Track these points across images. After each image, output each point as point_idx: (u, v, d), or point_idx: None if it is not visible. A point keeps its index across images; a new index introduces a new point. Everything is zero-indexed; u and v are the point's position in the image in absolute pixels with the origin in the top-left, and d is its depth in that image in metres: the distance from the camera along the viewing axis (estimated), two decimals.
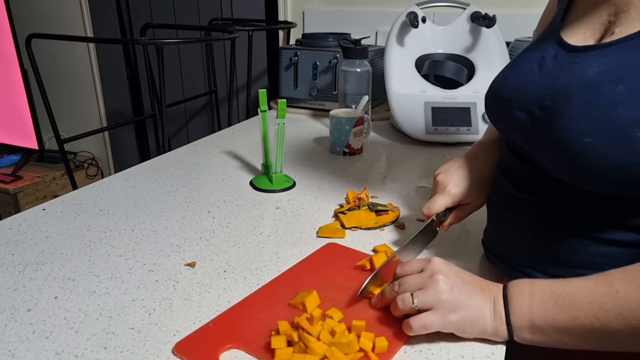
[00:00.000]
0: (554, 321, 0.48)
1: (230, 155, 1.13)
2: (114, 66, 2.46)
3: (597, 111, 0.47)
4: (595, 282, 0.47)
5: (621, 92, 0.46)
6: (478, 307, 0.52)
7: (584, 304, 0.46)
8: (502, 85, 0.60)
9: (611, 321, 0.45)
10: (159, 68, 1.51)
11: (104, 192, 0.92)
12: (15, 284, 0.63)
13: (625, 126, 0.44)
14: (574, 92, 0.49)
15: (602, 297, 0.45)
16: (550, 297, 0.48)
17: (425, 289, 0.53)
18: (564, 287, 0.48)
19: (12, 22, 1.94)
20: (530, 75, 0.56)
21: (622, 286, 0.45)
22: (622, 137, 0.44)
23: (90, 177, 2.54)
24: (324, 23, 1.80)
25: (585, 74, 0.50)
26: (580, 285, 0.48)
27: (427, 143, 1.21)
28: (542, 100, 0.53)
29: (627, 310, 0.44)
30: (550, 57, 0.55)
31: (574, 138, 0.48)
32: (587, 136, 0.47)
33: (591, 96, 0.48)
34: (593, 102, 0.47)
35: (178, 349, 0.51)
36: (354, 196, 0.86)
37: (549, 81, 0.53)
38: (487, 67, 1.24)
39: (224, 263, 0.69)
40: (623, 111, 0.45)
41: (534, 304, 0.49)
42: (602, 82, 0.48)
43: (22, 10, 2.45)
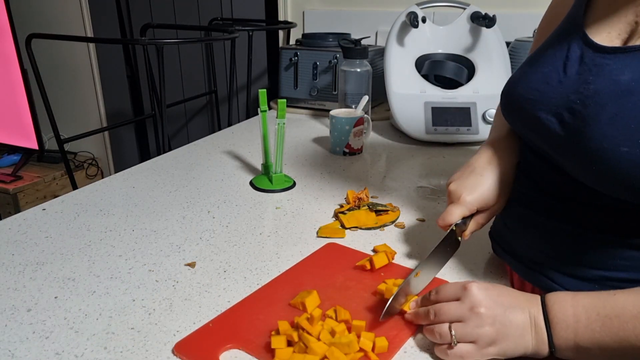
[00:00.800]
0: (601, 343, 0.46)
1: (230, 155, 1.13)
2: (114, 66, 2.46)
3: (633, 119, 0.45)
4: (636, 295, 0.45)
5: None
6: (519, 335, 0.49)
7: (634, 325, 0.44)
8: (522, 85, 0.58)
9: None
10: (159, 68, 1.51)
11: (104, 192, 0.92)
12: (15, 284, 0.63)
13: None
14: (608, 98, 0.47)
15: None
16: (596, 319, 0.46)
17: (465, 322, 0.50)
18: (610, 306, 0.46)
19: (12, 22, 1.94)
20: (555, 75, 0.54)
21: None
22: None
23: (90, 177, 2.54)
24: (324, 23, 1.80)
25: (619, 79, 0.48)
26: (628, 303, 0.46)
27: (427, 143, 1.21)
28: (572, 104, 0.51)
29: None
30: (576, 57, 0.53)
31: (609, 147, 0.46)
32: (623, 145, 0.45)
33: (627, 103, 0.46)
34: (629, 110, 0.46)
35: (178, 349, 0.51)
36: (354, 196, 0.86)
37: (577, 84, 0.51)
38: (487, 67, 1.24)
39: (224, 263, 0.69)
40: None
41: (579, 327, 0.47)
42: (636, 88, 0.46)
43: (22, 10, 2.45)
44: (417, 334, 0.54)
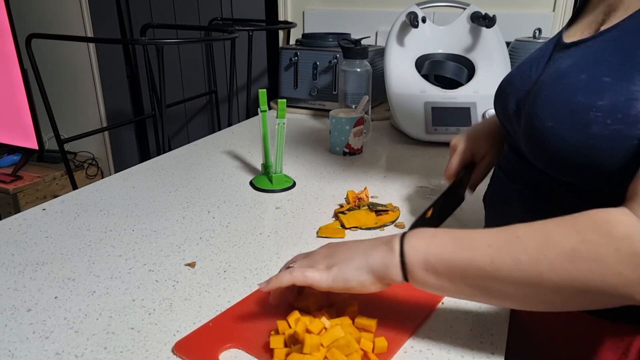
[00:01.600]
0: (449, 260, 0.45)
1: (230, 155, 1.13)
2: (114, 66, 2.46)
3: (560, 98, 0.49)
4: (500, 229, 0.45)
5: (583, 79, 0.48)
6: (361, 252, 0.50)
7: (482, 246, 0.44)
8: (506, 82, 0.64)
9: (506, 265, 0.42)
10: (159, 68, 1.51)
11: (104, 192, 0.92)
12: (15, 284, 0.63)
13: (582, 110, 0.47)
14: (547, 83, 0.52)
15: (502, 241, 0.44)
16: (450, 237, 0.47)
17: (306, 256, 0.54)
18: (468, 231, 0.47)
19: (12, 22, 1.94)
20: (528, 72, 0.60)
21: (524, 232, 0.43)
22: (579, 120, 0.47)
23: (90, 177, 2.54)
24: (324, 23, 1.80)
25: (560, 66, 0.53)
26: (485, 231, 0.46)
27: (427, 143, 1.21)
28: (527, 92, 0.57)
29: (523, 256, 0.42)
30: (547, 56, 0.59)
31: (539, 123, 0.51)
32: (550, 121, 0.50)
33: (558, 85, 0.51)
34: (559, 91, 0.50)
35: (178, 348, 0.51)
36: (354, 196, 0.86)
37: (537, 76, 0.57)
38: (487, 67, 1.24)
39: (224, 263, 0.69)
40: (581, 96, 0.47)
41: (433, 242, 0.47)
42: (569, 72, 0.51)
43: (22, 10, 2.45)
44: (417, 334, 0.54)
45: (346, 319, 0.53)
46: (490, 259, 0.43)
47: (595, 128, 0.46)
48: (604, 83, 0.47)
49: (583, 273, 0.40)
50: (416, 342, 0.53)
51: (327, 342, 0.49)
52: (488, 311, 0.58)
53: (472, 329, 0.55)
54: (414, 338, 0.54)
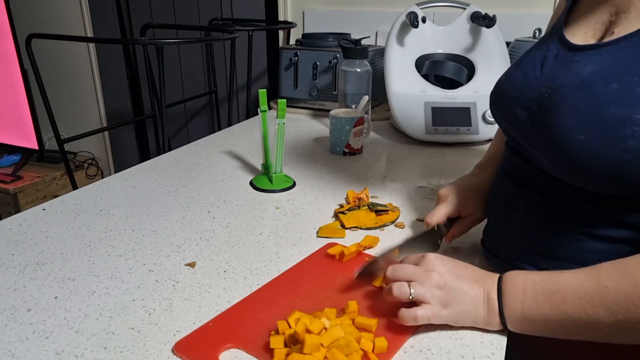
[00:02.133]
0: (544, 315, 0.49)
1: (230, 155, 1.13)
2: (114, 66, 2.46)
3: (590, 109, 0.47)
4: (585, 276, 0.48)
5: (614, 89, 0.46)
6: (471, 302, 0.53)
7: (573, 299, 0.47)
8: (505, 84, 0.61)
9: (599, 315, 0.46)
10: (159, 68, 1.51)
11: (104, 192, 0.92)
12: (15, 284, 0.63)
13: (616, 123, 0.45)
14: (569, 90, 0.50)
15: (591, 293, 0.46)
16: (541, 292, 0.50)
17: (420, 282, 0.54)
18: (554, 281, 0.49)
19: (12, 22, 1.94)
20: (532, 73, 0.57)
21: (611, 282, 0.46)
22: (613, 134, 0.45)
23: (90, 177, 2.54)
24: (324, 23, 1.80)
25: (581, 72, 0.50)
26: (571, 280, 0.48)
27: (427, 143, 1.21)
28: (540, 98, 0.54)
29: (614, 305, 0.45)
30: (552, 56, 0.56)
31: (567, 135, 0.48)
32: (580, 133, 0.47)
33: (585, 94, 0.48)
34: (586, 100, 0.48)
35: (178, 348, 0.51)
36: (354, 196, 0.86)
37: (548, 79, 0.54)
38: (487, 67, 1.24)
39: (224, 263, 0.69)
40: (615, 109, 0.45)
41: (526, 299, 0.50)
42: (596, 80, 0.48)
43: (22, 10, 2.45)
44: (417, 334, 0.54)
45: (346, 319, 0.53)
46: (583, 311, 0.47)
47: (633, 143, 0.44)
48: (638, 95, 0.45)
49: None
50: (416, 342, 0.53)
51: (327, 342, 0.49)
52: None
53: (472, 329, 0.55)
54: (414, 338, 0.54)
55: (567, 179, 0.52)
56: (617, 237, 0.51)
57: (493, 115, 0.65)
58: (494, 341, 0.53)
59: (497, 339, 0.54)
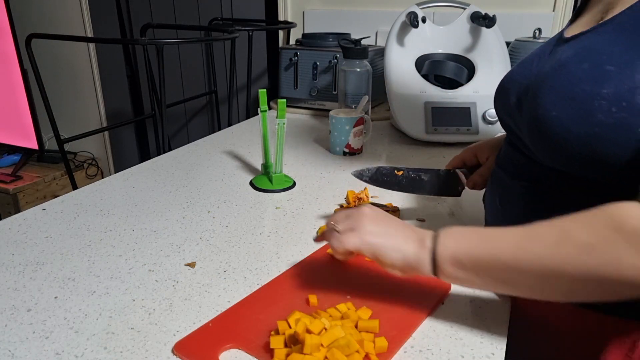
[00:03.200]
0: (475, 256, 0.49)
1: (230, 155, 1.13)
2: (114, 66, 2.46)
3: (563, 87, 0.50)
4: (521, 227, 0.48)
5: (585, 68, 0.49)
6: (401, 236, 0.54)
7: (505, 243, 0.48)
8: (507, 78, 0.64)
9: (528, 260, 0.46)
10: (159, 68, 1.51)
11: (104, 192, 0.92)
12: (15, 284, 0.63)
13: (586, 98, 0.47)
14: (548, 74, 0.53)
15: (523, 238, 0.47)
16: (477, 235, 0.50)
17: (348, 217, 0.57)
18: (494, 229, 0.50)
19: (12, 22, 1.94)
20: (529, 67, 0.60)
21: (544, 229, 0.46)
22: (583, 109, 0.47)
23: (90, 177, 2.54)
24: (324, 23, 1.80)
25: (560, 57, 0.53)
26: (509, 229, 0.49)
27: (427, 143, 1.21)
28: (529, 85, 0.57)
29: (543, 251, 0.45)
30: (548, 52, 0.59)
31: (542, 113, 0.51)
32: (553, 110, 0.50)
33: (559, 74, 0.51)
34: (560, 79, 0.50)
35: (178, 348, 0.51)
36: (354, 196, 0.86)
37: (538, 70, 0.57)
38: (487, 67, 1.24)
39: (224, 263, 0.69)
40: (585, 85, 0.48)
41: (461, 240, 0.51)
42: (570, 62, 0.51)
43: (22, 10, 2.45)
44: (417, 334, 0.54)
45: (348, 320, 0.53)
46: (512, 255, 0.47)
47: (600, 116, 0.46)
48: (607, 71, 0.47)
49: (600, 266, 0.42)
50: (416, 342, 0.53)
51: (327, 342, 0.49)
52: (488, 311, 0.58)
53: (472, 329, 0.55)
54: (414, 338, 0.54)
55: (547, 161, 0.53)
56: None
57: (495, 109, 0.68)
58: (494, 341, 0.53)
59: (497, 339, 0.54)
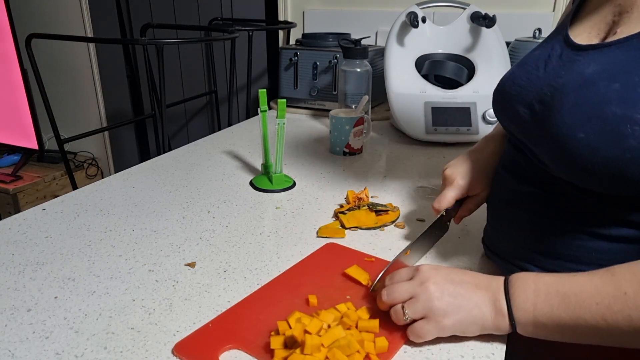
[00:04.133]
0: (558, 319, 0.47)
1: (230, 155, 1.13)
2: (114, 66, 2.46)
3: (591, 107, 0.47)
4: (602, 281, 0.46)
5: (616, 89, 0.46)
6: (474, 306, 0.51)
7: (590, 304, 0.46)
8: (509, 82, 0.62)
9: (618, 322, 0.44)
10: (159, 68, 1.51)
11: (104, 192, 0.92)
12: (15, 284, 0.63)
13: (617, 122, 0.45)
14: (571, 88, 0.50)
15: (609, 299, 0.45)
16: (555, 295, 0.48)
17: (415, 298, 0.52)
18: (569, 284, 0.48)
19: (12, 22, 1.94)
20: (536, 72, 0.57)
21: (631, 287, 0.44)
22: (614, 132, 0.45)
23: (90, 177, 2.54)
24: (324, 23, 1.80)
25: (584, 71, 0.50)
26: (587, 284, 0.47)
27: (427, 143, 1.21)
28: (543, 96, 0.54)
29: (635, 313, 0.43)
30: (556, 55, 0.56)
31: (568, 133, 0.48)
32: (580, 131, 0.47)
33: (587, 93, 0.48)
34: (588, 98, 0.48)
35: (178, 349, 0.51)
36: (354, 196, 0.86)
37: (551, 78, 0.54)
38: (487, 67, 1.24)
39: (224, 263, 0.69)
40: (616, 108, 0.46)
41: (539, 301, 0.48)
42: (598, 79, 0.48)
43: (22, 10, 2.45)
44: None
45: (348, 320, 0.53)
46: (601, 317, 0.45)
47: (633, 142, 0.44)
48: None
49: None
50: (416, 342, 0.53)
51: (328, 342, 0.49)
52: None
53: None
54: None
55: (568, 178, 0.51)
56: (622, 236, 0.51)
57: (495, 113, 0.65)
58: (494, 341, 0.53)
59: (497, 339, 0.53)
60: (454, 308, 0.51)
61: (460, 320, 0.51)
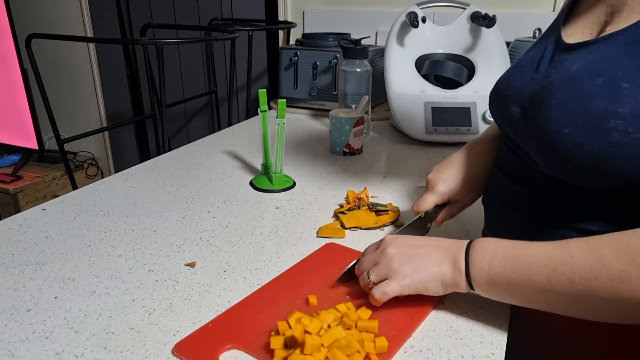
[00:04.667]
0: (509, 278, 0.50)
1: (230, 155, 1.13)
2: (114, 66, 2.46)
3: (575, 103, 0.48)
4: (555, 246, 0.48)
5: (599, 84, 0.47)
6: (433, 264, 0.54)
7: (539, 265, 0.48)
8: (504, 83, 0.62)
9: (560, 284, 0.46)
10: (159, 68, 1.51)
11: (104, 192, 0.92)
12: (15, 284, 0.63)
13: (601, 117, 0.46)
14: (558, 86, 0.51)
15: (557, 261, 0.47)
16: (510, 256, 0.50)
17: (378, 263, 0.57)
18: (525, 248, 0.50)
19: (12, 22, 1.94)
20: (529, 73, 0.58)
21: (578, 253, 0.46)
22: (597, 127, 0.46)
23: (90, 177, 2.54)
24: (324, 23, 1.80)
25: (571, 68, 0.52)
26: (541, 248, 0.49)
27: (427, 143, 1.21)
28: (533, 95, 0.55)
29: (577, 276, 0.45)
30: (548, 57, 0.57)
31: (553, 128, 0.50)
32: (565, 127, 0.48)
33: (571, 89, 0.49)
34: (573, 95, 0.49)
35: (178, 349, 0.51)
36: (354, 196, 0.86)
37: (542, 79, 0.55)
38: (487, 67, 1.24)
39: (224, 263, 0.69)
40: (599, 103, 0.46)
41: (495, 261, 0.51)
42: (582, 75, 0.49)
43: (22, 10, 2.45)
44: (417, 334, 0.54)
45: (348, 320, 0.53)
46: (546, 278, 0.47)
47: (616, 136, 0.45)
48: (622, 89, 0.45)
49: (634, 293, 0.42)
50: (416, 342, 0.53)
51: (328, 342, 0.49)
52: (488, 311, 0.58)
53: (472, 329, 0.55)
54: (414, 338, 0.54)
55: (557, 175, 0.52)
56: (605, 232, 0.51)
57: (491, 113, 0.66)
58: (494, 341, 0.53)
59: (497, 339, 0.54)
60: (413, 267, 0.55)
61: (420, 277, 0.54)
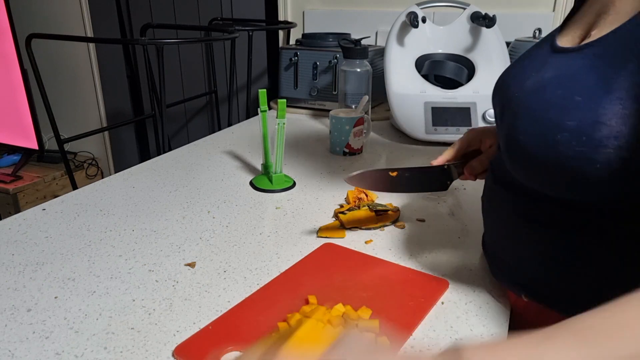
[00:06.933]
0: None
1: (230, 155, 1.13)
2: (114, 66, 2.46)
3: (535, 112, 0.49)
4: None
5: (558, 95, 0.47)
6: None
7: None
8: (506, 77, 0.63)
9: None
10: (159, 68, 1.51)
11: (104, 192, 0.92)
12: (15, 284, 0.63)
13: (552, 128, 0.46)
14: (528, 93, 0.52)
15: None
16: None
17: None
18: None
19: (12, 22, 1.94)
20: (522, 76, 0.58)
21: None
22: (548, 138, 0.46)
23: (90, 177, 2.54)
24: (324, 23, 1.80)
25: (543, 76, 0.51)
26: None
27: (427, 143, 1.21)
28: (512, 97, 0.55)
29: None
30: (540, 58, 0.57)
31: (513, 135, 0.50)
32: (522, 134, 0.49)
33: (536, 98, 0.50)
34: (535, 103, 0.49)
35: (178, 352, 0.51)
36: (354, 196, 0.86)
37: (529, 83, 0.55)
38: (487, 67, 1.24)
39: (224, 263, 0.69)
40: (552, 113, 0.46)
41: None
42: (547, 85, 0.49)
43: (22, 10, 2.45)
44: (417, 334, 0.54)
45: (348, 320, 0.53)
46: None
47: (562, 148, 0.45)
48: (575, 102, 0.45)
49: None
50: (416, 342, 0.53)
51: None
52: (488, 311, 0.58)
53: (472, 329, 0.55)
54: (414, 338, 0.54)
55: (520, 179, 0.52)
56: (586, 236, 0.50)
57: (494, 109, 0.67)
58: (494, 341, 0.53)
59: (497, 339, 0.54)
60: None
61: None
